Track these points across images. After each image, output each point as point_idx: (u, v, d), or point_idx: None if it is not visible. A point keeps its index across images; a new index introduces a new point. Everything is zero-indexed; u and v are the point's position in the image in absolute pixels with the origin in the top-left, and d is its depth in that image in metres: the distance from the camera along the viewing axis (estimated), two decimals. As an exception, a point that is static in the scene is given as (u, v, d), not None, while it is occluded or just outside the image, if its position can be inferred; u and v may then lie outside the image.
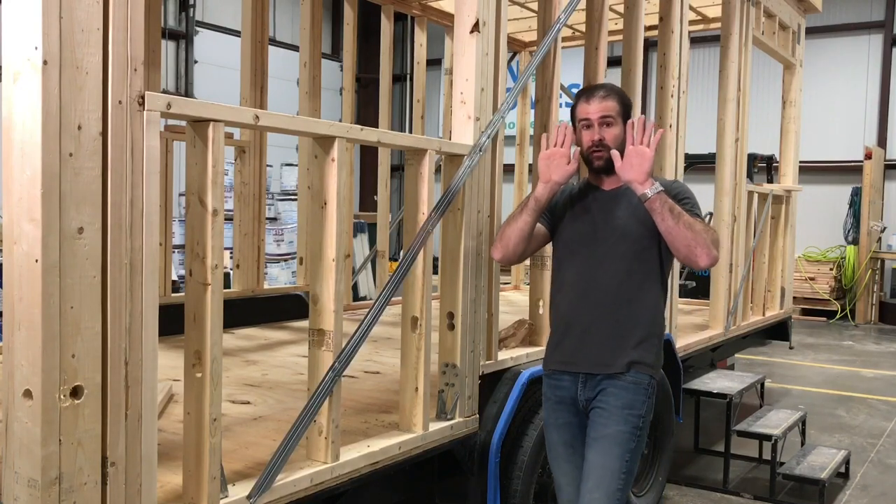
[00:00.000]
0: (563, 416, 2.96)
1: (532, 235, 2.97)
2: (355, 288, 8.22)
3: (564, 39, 6.90)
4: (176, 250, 8.82)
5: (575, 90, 8.58)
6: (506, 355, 3.66)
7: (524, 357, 3.75)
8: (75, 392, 1.90)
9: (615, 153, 2.78)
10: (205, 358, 2.22)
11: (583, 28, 5.80)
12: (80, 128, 1.89)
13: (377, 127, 5.31)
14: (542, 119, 4.03)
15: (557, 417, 2.97)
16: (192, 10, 14.48)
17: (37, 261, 1.84)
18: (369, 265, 9.84)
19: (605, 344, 2.86)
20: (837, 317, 13.24)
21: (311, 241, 2.69)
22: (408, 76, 17.35)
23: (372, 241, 10.34)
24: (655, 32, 5.07)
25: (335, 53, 16.86)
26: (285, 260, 11.88)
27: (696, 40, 6.68)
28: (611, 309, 2.87)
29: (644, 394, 2.85)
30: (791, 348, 8.90)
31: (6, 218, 1.90)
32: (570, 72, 5.87)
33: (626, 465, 2.80)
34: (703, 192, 6.65)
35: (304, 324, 3.11)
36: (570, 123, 2.96)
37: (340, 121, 5.06)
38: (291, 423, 2.53)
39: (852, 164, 13.85)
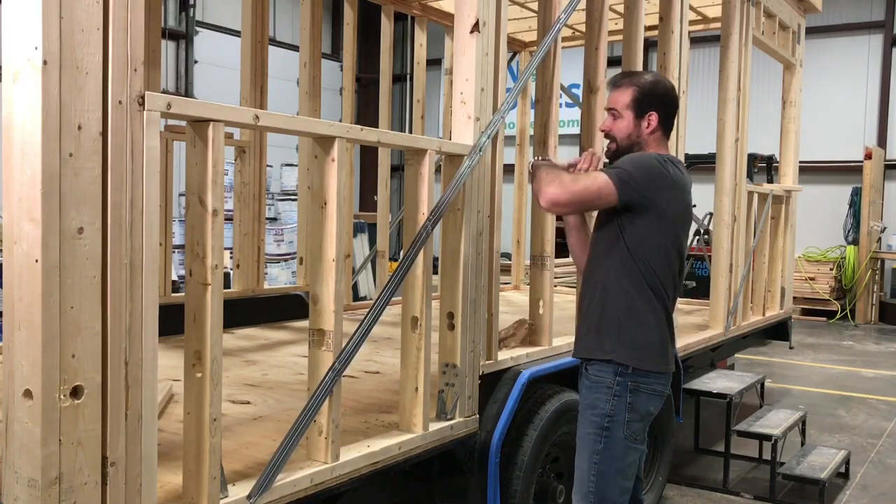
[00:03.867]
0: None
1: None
2: (355, 288, 8.22)
3: (564, 39, 6.90)
4: (176, 250, 8.82)
5: (575, 90, 8.61)
6: (506, 355, 3.66)
7: (524, 357, 3.75)
8: (75, 392, 1.90)
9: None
10: (205, 358, 2.22)
11: (583, 28, 5.80)
12: (80, 128, 1.89)
13: (377, 127, 5.31)
14: (542, 119, 4.02)
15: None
16: (192, 10, 14.47)
17: (37, 261, 1.84)
18: (369, 265, 9.84)
19: (580, 330, 3.02)
20: (837, 317, 13.24)
21: (311, 241, 2.69)
22: (408, 76, 17.35)
23: (372, 241, 10.35)
24: (655, 32, 5.07)
25: (335, 53, 16.86)
26: (285, 260, 11.88)
27: (696, 40, 6.68)
28: (586, 299, 3.00)
29: (608, 392, 2.82)
30: (791, 348, 8.89)
31: (6, 218, 1.90)
32: (570, 72, 5.87)
33: (594, 466, 2.79)
34: (703, 192, 6.68)
35: (304, 324, 3.11)
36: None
37: (340, 121, 5.06)
38: (291, 423, 2.53)
39: (852, 164, 13.85)
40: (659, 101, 2.89)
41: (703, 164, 9.43)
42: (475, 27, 3.32)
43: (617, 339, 2.84)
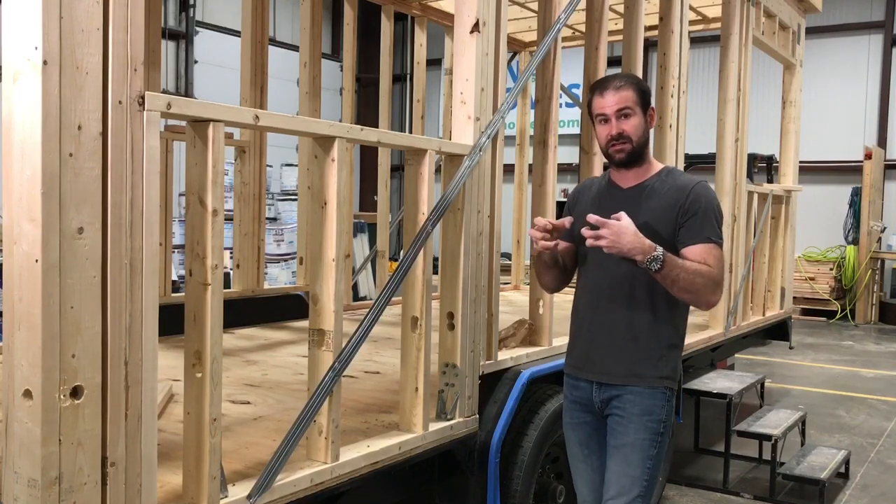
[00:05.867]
0: (578, 415, 2.95)
1: (566, 266, 3.00)
2: (355, 288, 8.22)
3: (564, 39, 6.90)
4: (176, 250, 8.81)
5: (575, 90, 8.60)
6: (506, 355, 3.66)
7: (524, 357, 3.75)
8: (75, 392, 1.90)
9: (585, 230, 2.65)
10: (205, 358, 2.22)
11: (583, 28, 5.80)
12: (80, 128, 1.89)
13: (377, 127, 5.31)
14: (542, 119, 4.02)
15: (573, 417, 2.97)
16: (192, 10, 14.48)
17: (37, 261, 1.84)
18: (369, 265, 9.84)
19: (612, 356, 2.83)
20: (837, 317, 13.24)
21: (311, 241, 2.69)
22: (408, 76, 17.35)
23: (372, 241, 10.34)
24: (655, 32, 5.07)
25: (335, 53, 16.86)
26: (285, 260, 11.88)
27: (696, 40, 6.68)
28: (617, 322, 2.82)
29: (662, 398, 2.81)
30: (791, 348, 8.90)
31: (6, 218, 1.90)
32: (570, 72, 5.87)
33: (647, 471, 2.77)
34: (703, 192, 6.73)
35: (304, 324, 3.11)
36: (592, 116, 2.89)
37: (340, 121, 5.05)
38: (291, 423, 2.53)
39: (852, 164, 13.86)
40: (650, 96, 2.90)
41: (703, 164, 9.44)
42: (475, 27, 3.32)
43: (673, 362, 2.89)
